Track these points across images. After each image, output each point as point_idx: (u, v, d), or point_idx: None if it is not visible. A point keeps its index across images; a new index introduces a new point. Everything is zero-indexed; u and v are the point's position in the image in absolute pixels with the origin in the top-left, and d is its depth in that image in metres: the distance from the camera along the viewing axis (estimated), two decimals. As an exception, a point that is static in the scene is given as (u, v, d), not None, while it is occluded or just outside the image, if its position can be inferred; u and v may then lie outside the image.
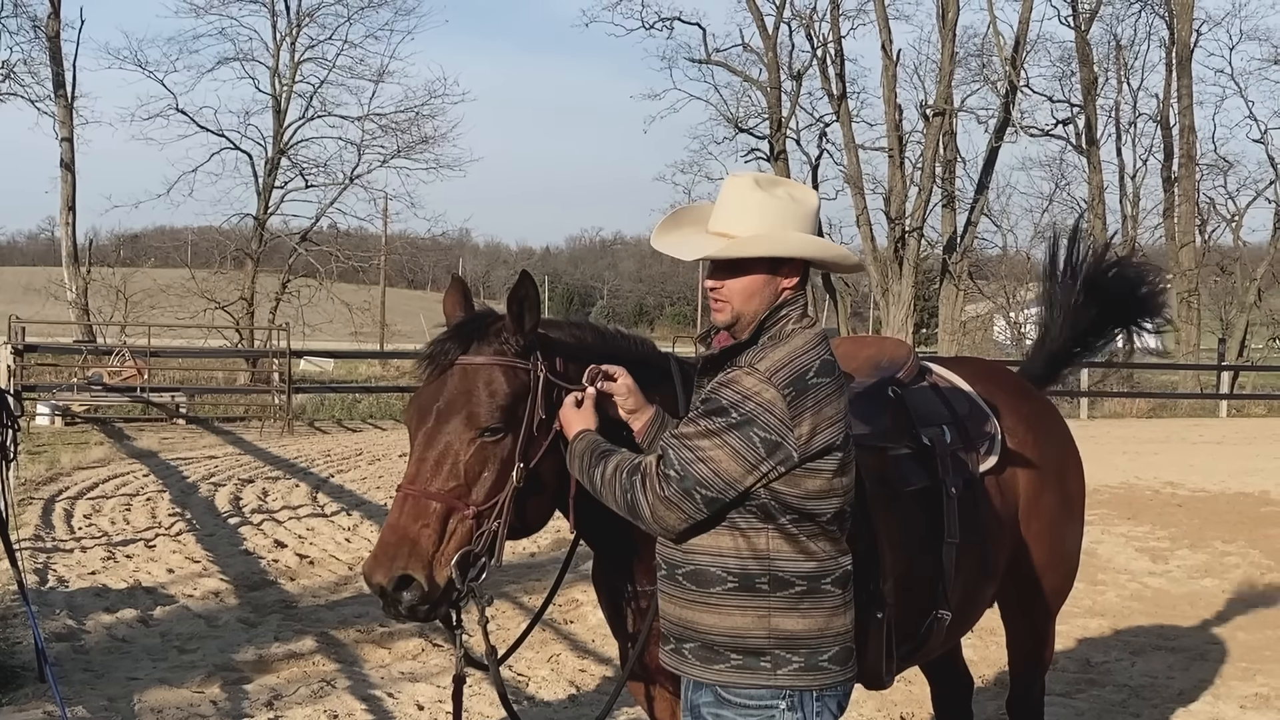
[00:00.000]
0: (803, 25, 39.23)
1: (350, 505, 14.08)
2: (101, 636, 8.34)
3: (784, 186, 3.40)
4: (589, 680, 7.56)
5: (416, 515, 3.42)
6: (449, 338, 3.58)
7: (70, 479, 15.69)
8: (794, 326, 3.30)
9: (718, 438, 3.18)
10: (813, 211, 3.37)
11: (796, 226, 3.32)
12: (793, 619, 3.25)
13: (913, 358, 4.76)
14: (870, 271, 38.48)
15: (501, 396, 3.47)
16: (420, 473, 3.45)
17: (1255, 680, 7.87)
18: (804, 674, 3.27)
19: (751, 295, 3.32)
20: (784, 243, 3.30)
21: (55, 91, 33.72)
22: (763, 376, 3.18)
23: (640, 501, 3.24)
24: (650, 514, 3.24)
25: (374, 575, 3.38)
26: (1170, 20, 39.70)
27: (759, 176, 3.43)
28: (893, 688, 4.20)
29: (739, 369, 3.24)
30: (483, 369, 3.50)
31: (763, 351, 3.25)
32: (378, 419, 26.72)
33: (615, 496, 3.31)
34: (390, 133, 37.12)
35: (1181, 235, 38.45)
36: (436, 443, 3.47)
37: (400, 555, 3.38)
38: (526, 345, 3.54)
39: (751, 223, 3.32)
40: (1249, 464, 20.08)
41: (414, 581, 3.38)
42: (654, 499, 3.22)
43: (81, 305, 32.64)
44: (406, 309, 62.09)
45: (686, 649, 3.35)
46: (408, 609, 3.40)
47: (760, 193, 3.35)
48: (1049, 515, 4.90)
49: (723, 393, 3.22)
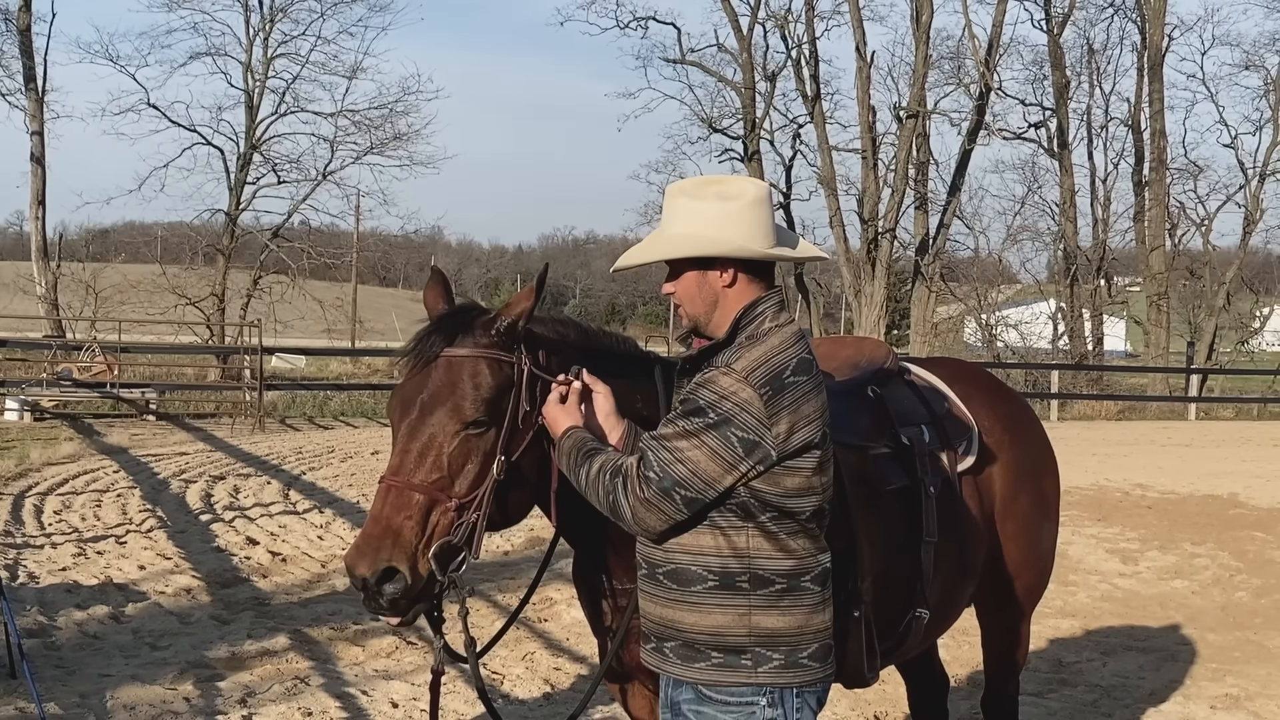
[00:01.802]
0: (777, 26, 39.29)
1: (322, 503, 14.03)
2: (73, 633, 8.29)
3: (714, 186, 3.41)
4: (564, 678, 7.56)
5: (399, 507, 3.40)
6: (433, 330, 3.56)
7: (40, 475, 15.59)
8: (770, 325, 3.31)
9: (695, 438, 3.19)
10: (745, 206, 3.34)
11: (720, 223, 3.32)
12: (773, 617, 3.26)
13: (892, 358, 4.78)
14: (843, 273, 38.60)
15: (486, 389, 3.46)
16: (404, 464, 3.44)
17: (1225, 681, 7.93)
18: (784, 671, 3.28)
19: (692, 297, 3.37)
20: (678, 244, 3.33)
21: (26, 85, 33.51)
22: (739, 376, 3.19)
23: (622, 503, 3.26)
24: (631, 515, 3.25)
25: (357, 567, 3.35)
26: (1142, 25, 39.91)
27: (690, 182, 3.44)
28: (869, 687, 4.21)
29: (716, 369, 3.25)
30: (468, 361, 3.49)
31: (739, 351, 3.25)
32: (349, 416, 26.64)
33: (598, 497, 3.32)
34: (363, 129, 37.11)
35: (1152, 239, 38.68)
36: (420, 435, 3.46)
37: (384, 547, 3.36)
38: (510, 338, 3.54)
39: (676, 228, 3.36)
40: (1217, 466, 20.23)
41: (398, 573, 3.35)
42: (634, 500, 3.23)
43: (51, 300, 32.42)
44: (378, 306, 61.96)
45: (668, 648, 3.35)
46: (389, 602, 3.38)
47: (685, 198, 3.38)
48: (1024, 515, 4.93)
49: (700, 393, 3.23)
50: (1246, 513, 15.13)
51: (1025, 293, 45.14)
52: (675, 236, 3.35)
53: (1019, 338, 39.50)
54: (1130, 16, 41.12)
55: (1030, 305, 42.45)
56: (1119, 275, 45.11)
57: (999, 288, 42.27)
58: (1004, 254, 42.57)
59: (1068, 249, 39.95)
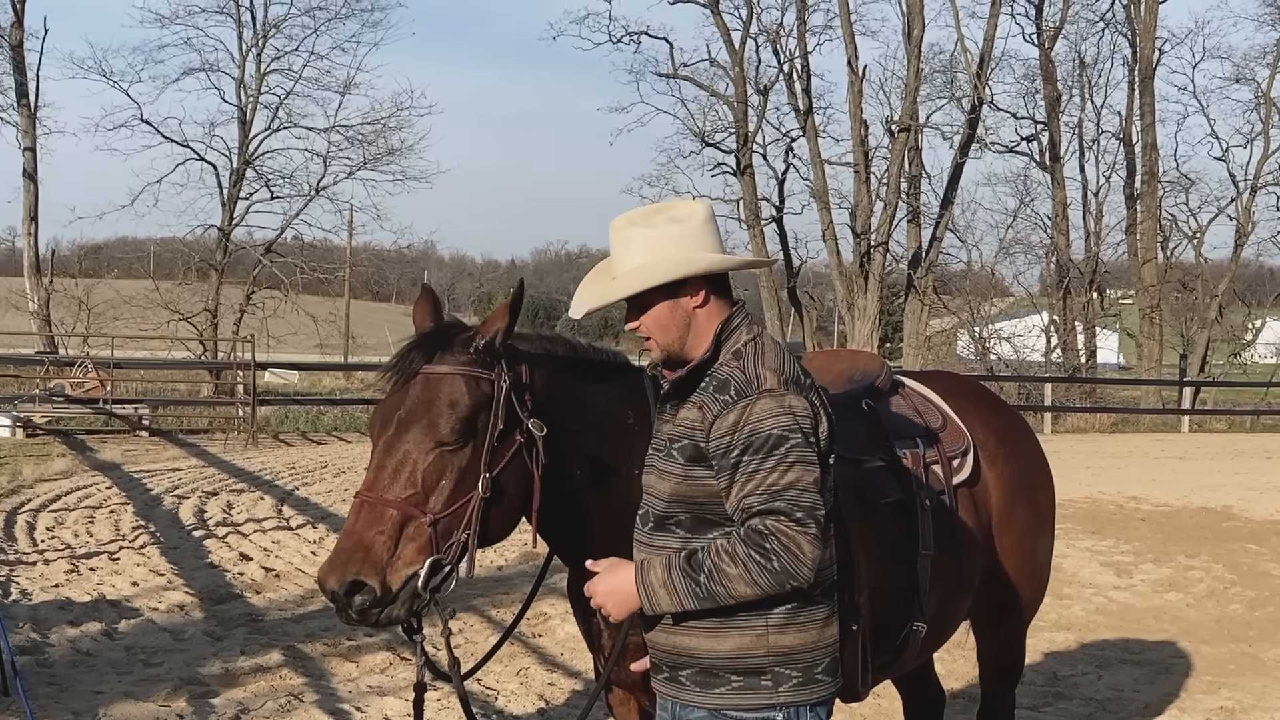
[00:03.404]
0: (769, 40, 39.42)
1: (316, 518, 14.00)
2: (65, 650, 8.26)
3: (664, 213, 3.37)
4: (558, 694, 7.54)
5: (372, 522, 3.42)
6: (413, 348, 3.59)
7: (32, 491, 15.55)
8: (748, 336, 3.30)
9: (800, 464, 3.13)
10: (699, 226, 3.32)
11: (677, 246, 3.29)
12: (789, 634, 3.24)
13: (886, 371, 4.78)
14: (836, 286, 38.64)
15: (462, 407, 3.47)
16: (379, 480, 3.46)
17: (1220, 694, 7.92)
18: (803, 688, 3.26)
19: (664, 326, 3.32)
20: (656, 270, 3.27)
21: (18, 101, 33.48)
22: (783, 392, 3.17)
23: (790, 564, 3.10)
24: (808, 568, 3.11)
25: (326, 580, 3.39)
26: (1133, 38, 40.05)
27: (636, 213, 3.40)
28: (862, 701, 4.20)
29: (759, 397, 3.16)
30: (445, 379, 3.51)
31: (752, 371, 3.21)
32: (342, 431, 26.60)
33: (759, 581, 3.12)
34: (356, 144, 37.17)
35: (1144, 252, 38.77)
36: (395, 451, 3.48)
37: (353, 561, 3.38)
38: (489, 356, 3.54)
39: (631, 259, 3.31)
40: (1211, 479, 20.23)
41: (365, 586, 3.37)
42: (804, 548, 3.10)
43: (43, 316, 32.38)
44: (371, 321, 61.87)
45: (683, 675, 3.30)
46: (358, 613, 3.40)
47: (638, 228, 3.33)
48: (1020, 528, 4.93)
49: (766, 424, 3.14)
50: (1240, 525, 15.12)
51: (1018, 305, 45.21)
52: (645, 266, 3.29)
53: (1012, 350, 39.52)
54: (1121, 30, 41.28)
55: (1023, 318, 42.47)
56: (1111, 288, 45.14)
57: (992, 301, 42.28)
58: (997, 267, 42.58)
59: (1060, 262, 40.00)
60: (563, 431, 3.62)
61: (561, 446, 3.62)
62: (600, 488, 3.71)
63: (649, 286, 3.28)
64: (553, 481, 3.60)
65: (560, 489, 3.65)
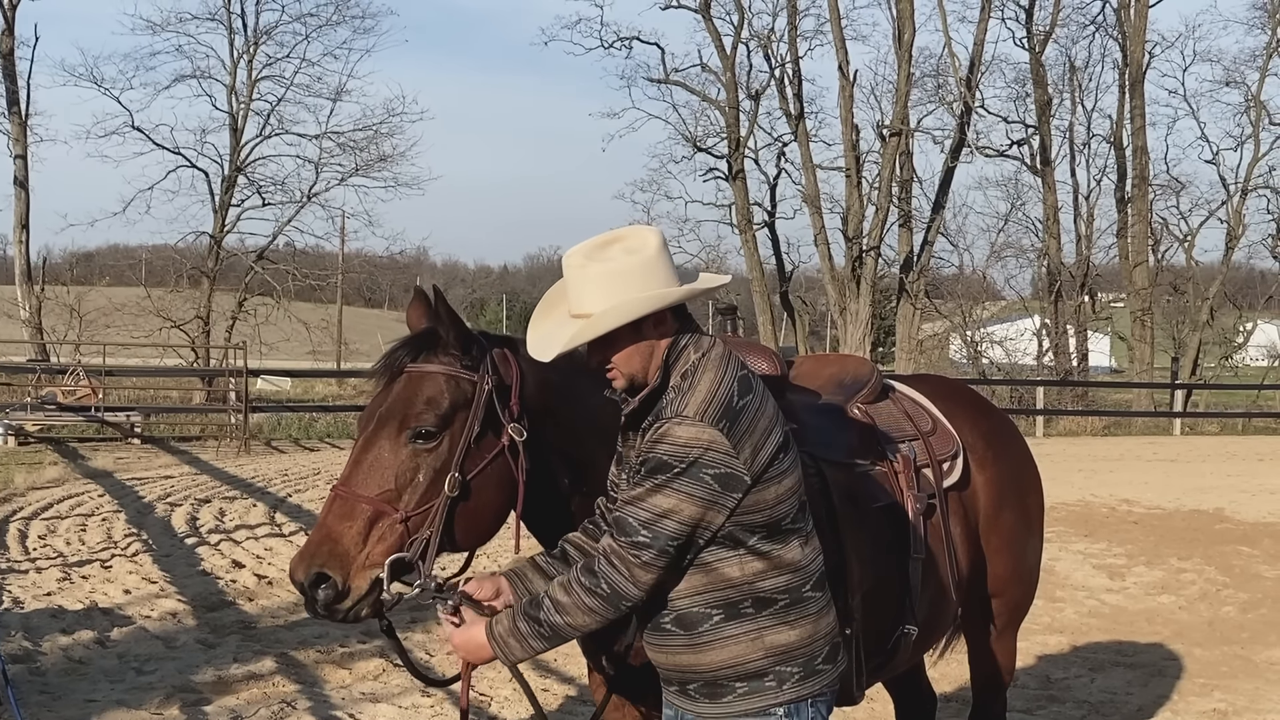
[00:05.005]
0: (761, 46, 39.46)
1: (308, 525, 13.96)
2: (58, 658, 8.24)
3: (617, 244, 3.32)
4: (552, 700, 7.53)
5: (343, 516, 3.45)
6: (400, 346, 3.63)
7: (24, 499, 15.53)
8: (696, 355, 3.26)
9: (669, 489, 3.14)
10: (653, 256, 3.28)
11: (641, 279, 3.25)
12: (784, 632, 3.26)
13: (876, 375, 4.79)
14: (828, 290, 38.68)
15: (440, 405, 3.49)
16: (353, 475, 3.49)
17: (1213, 696, 7.94)
18: (805, 682, 3.28)
19: (630, 359, 3.30)
20: (624, 311, 3.23)
21: (9, 108, 33.45)
22: (694, 420, 3.15)
23: (622, 586, 3.17)
24: (637, 589, 3.18)
25: (295, 571, 3.43)
26: (1123, 42, 40.10)
27: (589, 245, 3.33)
28: (856, 705, 4.21)
29: (668, 421, 3.18)
30: (427, 377, 3.54)
31: (682, 398, 3.20)
32: (335, 438, 26.58)
33: (593, 606, 3.20)
34: (348, 151, 37.08)
35: (1135, 255, 38.82)
36: (372, 447, 3.51)
37: (320, 553, 3.41)
38: (475, 357, 3.56)
39: (596, 297, 3.26)
40: (1203, 481, 20.28)
41: (330, 580, 3.40)
42: (635, 572, 3.16)
43: (35, 324, 32.32)
44: (364, 327, 61.75)
45: (692, 689, 3.33)
46: (323, 606, 3.42)
47: (595, 264, 3.28)
48: (1009, 530, 4.95)
49: (659, 449, 3.16)
50: (1232, 527, 15.16)
51: (1010, 309, 45.23)
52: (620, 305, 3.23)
53: (1004, 354, 39.57)
54: (1111, 34, 41.37)
55: (1015, 321, 42.53)
56: (1103, 291, 45.24)
57: (983, 304, 42.32)
58: (988, 270, 42.67)
59: (1051, 265, 40.07)
60: (554, 438, 3.62)
61: (550, 454, 3.62)
62: (593, 497, 3.68)
63: (622, 324, 3.25)
64: (540, 488, 3.61)
65: (548, 496, 3.65)
